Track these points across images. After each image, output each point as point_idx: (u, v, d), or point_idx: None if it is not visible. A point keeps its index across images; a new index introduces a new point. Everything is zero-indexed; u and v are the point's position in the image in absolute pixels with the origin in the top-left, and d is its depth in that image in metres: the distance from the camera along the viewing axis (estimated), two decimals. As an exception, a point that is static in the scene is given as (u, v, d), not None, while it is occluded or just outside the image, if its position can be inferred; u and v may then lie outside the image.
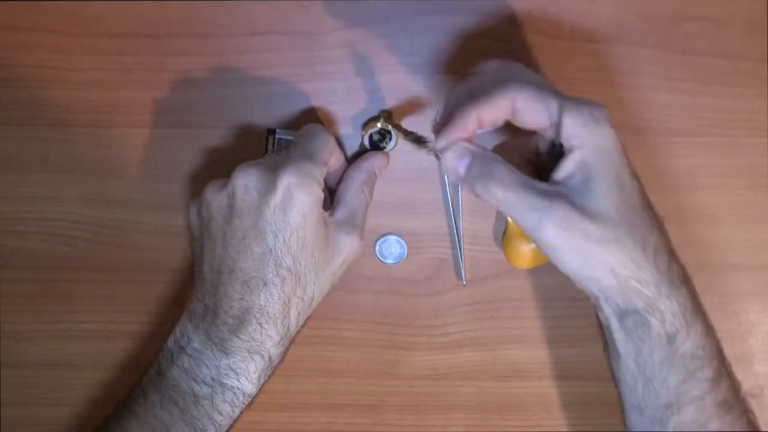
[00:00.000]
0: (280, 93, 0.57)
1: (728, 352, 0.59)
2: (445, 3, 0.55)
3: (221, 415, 0.49)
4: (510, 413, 0.60)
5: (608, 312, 0.47)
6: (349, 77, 0.57)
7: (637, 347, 0.46)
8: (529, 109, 0.46)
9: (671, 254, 0.47)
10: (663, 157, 0.57)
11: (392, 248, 0.59)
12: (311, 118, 0.57)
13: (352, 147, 0.57)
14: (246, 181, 0.49)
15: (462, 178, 0.47)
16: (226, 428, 0.50)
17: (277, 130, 0.57)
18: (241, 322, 0.48)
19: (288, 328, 0.50)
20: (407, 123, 0.57)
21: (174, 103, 0.57)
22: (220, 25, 0.56)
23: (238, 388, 0.49)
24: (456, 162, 0.47)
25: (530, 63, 0.56)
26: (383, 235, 0.59)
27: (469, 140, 0.47)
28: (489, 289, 0.59)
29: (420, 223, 0.58)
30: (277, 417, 0.60)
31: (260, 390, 0.51)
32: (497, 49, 0.56)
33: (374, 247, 0.59)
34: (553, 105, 0.45)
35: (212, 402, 0.48)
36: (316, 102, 0.57)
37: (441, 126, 0.47)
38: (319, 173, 0.50)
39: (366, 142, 0.56)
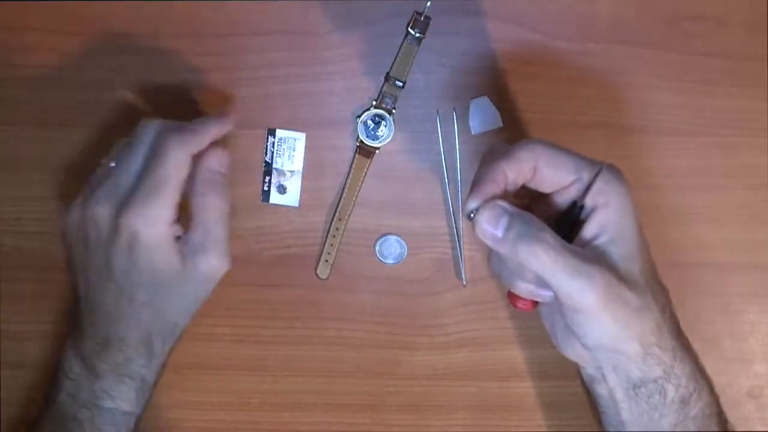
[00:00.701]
0: (280, 93, 0.57)
1: (728, 352, 0.59)
2: (445, 3, 0.55)
3: None
4: (510, 413, 0.60)
5: (613, 382, 0.46)
6: (349, 77, 0.57)
7: (648, 414, 0.46)
8: (554, 165, 0.45)
9: (676, 316, 0.47)
10: (663, 157, 0.57)
11: (392, 248, 0.59)
12: (312, 117, 0.57)
13: (351, 147, 0.57)
14: (95, 218, 0.48)
15: (499, 240, 0.44)
16: None
17: (278, 130, 0.57)
18: (104, 349, 0.49)
19: (152, 352, 0.50)
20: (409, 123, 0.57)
21: (174, 103, 0.57)
22: (220, 25, 0.56)
23: (115, 409, 0.49)
24: (493, 222, 0.43)
25: (530, 63, 0.56)
26: (383, 235, 0.59)
27: (503, 198, 0.44)
28: (489, 289, 0.59)
29: (420, 223, 0.58)
30: (277, 417, 0.60)
31: (145, 407, 0.51)
32: (497, 49, 0.56)
33: (374, 247, 0.59)
34: (580, 162, 0.44)
35: (93, 424, 0.49)
36: (316, 102, 0.57)
37: (471, 187, 0.45)
38: (167, 206, 0.47)
39: (361, 130, 0.56)
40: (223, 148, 0.51)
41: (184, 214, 0.50)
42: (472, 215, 0.44)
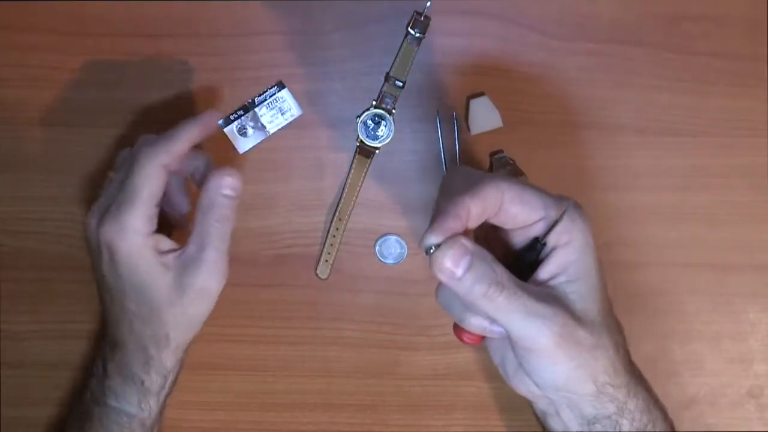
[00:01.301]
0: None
1: (728, 352, 0.59)
2: (445, 3, 0.55)
3: None
4: (510, 413, 0.60)
5: (567, 417, 0.46)
6: (349, 77, 0.57)
7: None
8: (520, 203, 0.43)
9: (629, 352, 0.47)
10: (663, 157, 0.58)
11: (392, 248, 0.59)
12: (312, 117, 0.57)
13: (351, 147, 0.57)
14: (88, 231, 0.50)
15: (457, 280, 0.42)
16: None
17: (285, 90, 0.56)
18: (112, 349, 0.51)
19: (150, 358, 0.50)
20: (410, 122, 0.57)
21: (174, 103, 0.57)
22: (220, 25, 0.56)
23: (120, 409, 0.51)
24: (455, 261, 0.42)
25: (530, 63, 0.56)
26: (383, 235, 0.59)
27: (464, 235, 0.43)
28: (489, 289, 0.59)
29: (420, 223, 0.58)
30: (277, 417, 0.60)
31: (156, 416, 0.52)
32: (497, 49, 0.56)
33: (374, 247, 0.59)
34: (548, 200, 0.44)
35: (101, 422, 0.51)
36: (316, 102, 0.57)
37: (432, 220, 0.43)
38: (138, 216, 0.47)
39: (361, 130, 0.56)
40: (237, 173, 0.50)
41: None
42: (431, 251, 0.43)
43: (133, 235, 0.47)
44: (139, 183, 0.47)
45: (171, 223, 0.55)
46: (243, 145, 0.57)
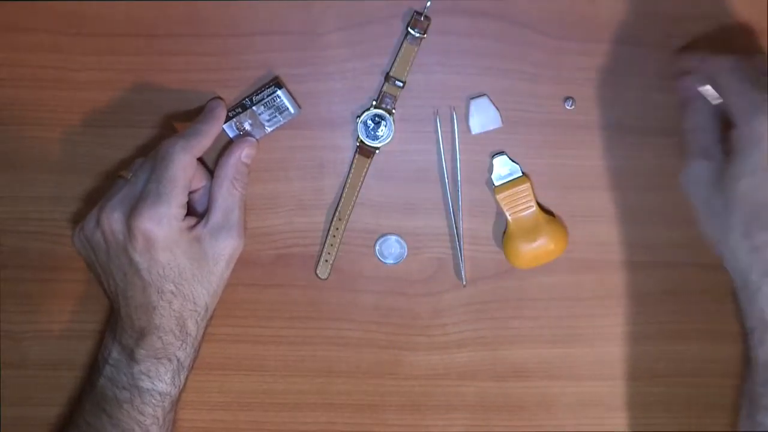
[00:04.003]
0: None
1: (729, 352, 0.59)
2: (445, 3, 0.55)
3: (143, 415, 0.52)
4: (510, 413, 0.60)
5: None
6: (349, 77, 0.57)
7: None
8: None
9: None
10: (663, 156, 0.57)
11: (392, 248, 0.59)
12: (312, 117, 0.57)
13: (351, 147, 0.57)
14: (110, 224, 0.51)
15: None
16: (150, 427, 0.53)
17: (282, 90, 0.56)
18: (141, 336, 0.52)
19: (187, 334, 0.53)
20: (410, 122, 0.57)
21: (174, 103, 0.57)
22: (220, 25, 0.56)
23: (154, 389, 0.52)
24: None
25: (530, 63, 0.56)
26: (383, 235, 0.59)
27: None
28: (489, 289, 0.59)
29: (420, 223, 0.58)
30: (277, 417, 0.60)
31: (182, 389, 0.54)
32: (497, 49, 0.56)
33: (374, 247, 0.59)
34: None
35: (132, 404, 0.52)
36: (316, 102, 0.57)
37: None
38: (175, 205, 0.51)
39: (361, 130, 0.56)
40: (253, 140, 0.56)
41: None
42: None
43: (172, 221, 0.51)
44: (175, 174, 0.51)
45: None
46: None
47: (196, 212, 0.55)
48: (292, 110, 0.56)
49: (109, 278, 0.53)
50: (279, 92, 0.55)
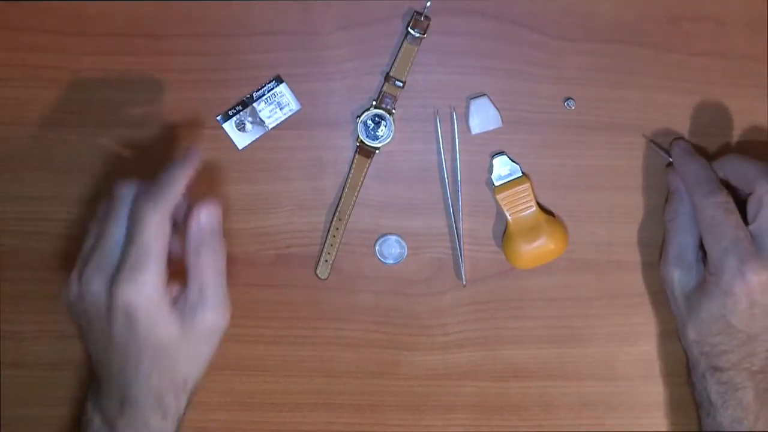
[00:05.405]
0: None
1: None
2: (445, 3, 0.55)
3: None
4: (510, 413, 0.60)
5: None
6: (349, 77, 0.57)
7: None
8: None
9: None
10: (663, 157, 0.57)
11: (392, 248, 0.59)
12: (312, 117, 0.57)
13: (351, 147, 0.57)
14: (91, 295, 0.48)
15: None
16: None
17: (283, 85, 0.56)
18: (121, 406, 0.50)
19: (166, 409, 0.50)
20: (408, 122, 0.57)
21: (174, 103, 0.57)
22: (220, 25, 0.56)
23: None
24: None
25: (530, 63, 0.56)
26: (383, 235, 0.59)
27: None
28: (489, 289, 0.59)
29: (420, 223, 0.58)
30: (277, 417, 0.60)
31: None
32: (497, 49, 0.56)
33: (374, 247, 0.59)
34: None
35: None
36: (316, 102, 0.57)
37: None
38: (154, 272, 0.47)
39: (361, 130, 0.56)
40: (215, 201, 0.50)
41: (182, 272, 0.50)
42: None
43: (152, 292, 0.47)
44: (149, 240, 0.47)
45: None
46: (242, 140, 0.57)
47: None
48: (294, 105, 0.56)
49: (89, 344, 0.51)
50: (281, 86, 0.55)
